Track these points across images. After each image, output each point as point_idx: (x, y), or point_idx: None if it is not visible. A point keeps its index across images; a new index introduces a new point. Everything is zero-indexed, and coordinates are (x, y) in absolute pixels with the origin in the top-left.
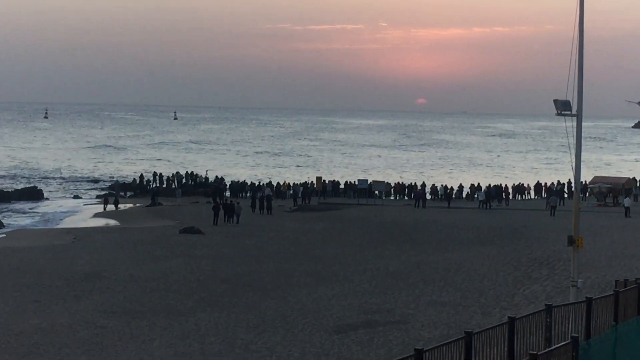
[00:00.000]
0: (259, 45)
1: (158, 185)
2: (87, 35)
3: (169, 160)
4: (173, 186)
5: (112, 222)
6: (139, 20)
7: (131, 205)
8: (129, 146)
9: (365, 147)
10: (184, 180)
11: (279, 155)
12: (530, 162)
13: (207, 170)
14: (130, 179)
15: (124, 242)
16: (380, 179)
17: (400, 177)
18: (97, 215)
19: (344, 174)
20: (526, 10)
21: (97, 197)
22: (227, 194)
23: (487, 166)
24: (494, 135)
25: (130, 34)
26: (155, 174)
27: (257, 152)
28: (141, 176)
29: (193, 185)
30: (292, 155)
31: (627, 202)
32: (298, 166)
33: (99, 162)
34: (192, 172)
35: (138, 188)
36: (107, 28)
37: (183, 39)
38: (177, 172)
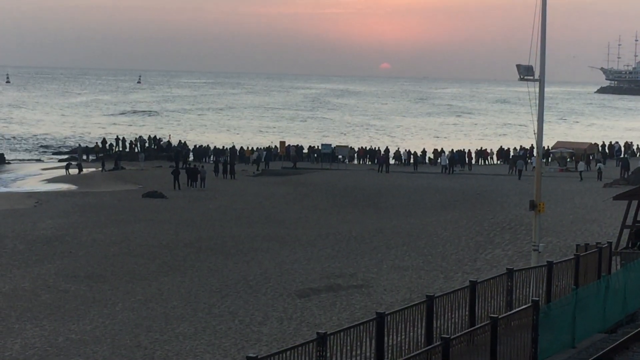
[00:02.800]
0: (221, 9)
1: (121, 149)
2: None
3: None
4: (136, 150)
5: (75, 186)
6: None
7: (94, 169)
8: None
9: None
10: (147, 145)
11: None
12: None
13: (169, 135)
14: (92, 143)
15: (87, 206)
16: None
17: (371, 141)
18: (59, 179)
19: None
20: None
21: (60, 161)
22: (191, 157)
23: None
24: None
25: None
26: (117, 138)
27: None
28: (104, 140)
29: (156, 150)
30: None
31: (581, 166)
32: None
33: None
34: (155, 136)
35: (101, 152)
36: None
37: (144, 3)
38: (140, 137)
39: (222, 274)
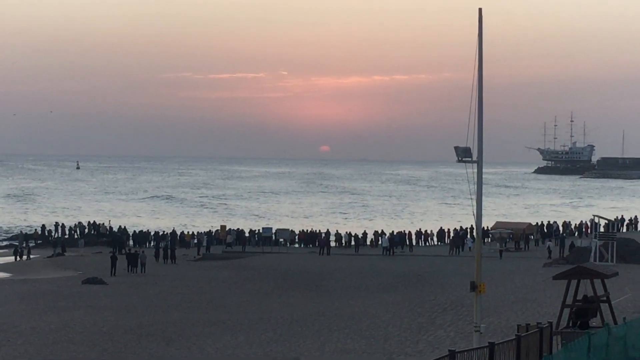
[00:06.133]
0: (160, 93)
1: (60, 235)
2: None
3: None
4: (75, 236)
5: (12, 273)
6: (38, 67)
7: (33, 256)
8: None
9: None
10: (86, 230)
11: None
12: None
13: (109, 220)
14: (32, 230)
15: (25, 293)
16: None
17: (303, 225)
18: None
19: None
20: (425, 59)
21: (1, 248)
22: (130, 243)
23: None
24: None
25: (30, 83)
26: (57, 224)
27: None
28: (43, 226)
29: (96, 235)
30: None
31: (495, 245)
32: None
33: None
34: (94, 221)
35: (40, 238)
36: (7, 75)
37: (83, 88)
38: (80, 222)
39: None
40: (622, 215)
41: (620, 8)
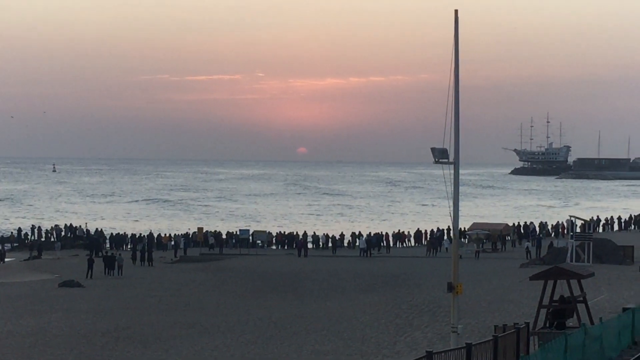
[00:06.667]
0: (136, 96)
1: (36, 238)
2: None
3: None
4: (52, 239)
5: None
6: (15, 69)
7: (8, 259)
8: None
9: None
10: (63, 233)
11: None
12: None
13: (86, 223)
14: (8, 233)
15: (1, 297)
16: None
17: (280, 226)
18: None
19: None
20: (401, 60)
21: None
22: (107, 245)
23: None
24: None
25: (4, 86)
26: (33, 227)
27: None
28: (19, 229)
29: (72, 238)
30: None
31: (471, 246)
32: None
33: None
34: (71, 224)
35: (16, 241)
36: None
37: (58, 91)
38: (56, 225)
39: None
40: (598, 216)
41: (596, 10)
